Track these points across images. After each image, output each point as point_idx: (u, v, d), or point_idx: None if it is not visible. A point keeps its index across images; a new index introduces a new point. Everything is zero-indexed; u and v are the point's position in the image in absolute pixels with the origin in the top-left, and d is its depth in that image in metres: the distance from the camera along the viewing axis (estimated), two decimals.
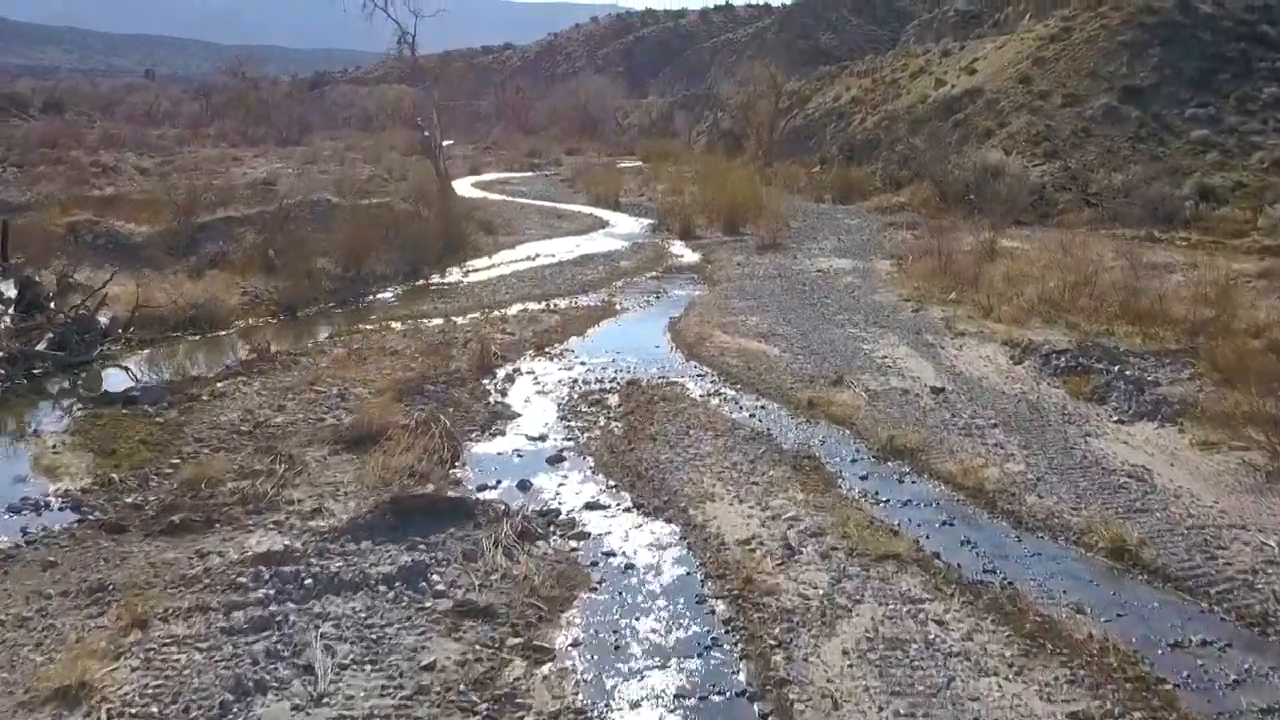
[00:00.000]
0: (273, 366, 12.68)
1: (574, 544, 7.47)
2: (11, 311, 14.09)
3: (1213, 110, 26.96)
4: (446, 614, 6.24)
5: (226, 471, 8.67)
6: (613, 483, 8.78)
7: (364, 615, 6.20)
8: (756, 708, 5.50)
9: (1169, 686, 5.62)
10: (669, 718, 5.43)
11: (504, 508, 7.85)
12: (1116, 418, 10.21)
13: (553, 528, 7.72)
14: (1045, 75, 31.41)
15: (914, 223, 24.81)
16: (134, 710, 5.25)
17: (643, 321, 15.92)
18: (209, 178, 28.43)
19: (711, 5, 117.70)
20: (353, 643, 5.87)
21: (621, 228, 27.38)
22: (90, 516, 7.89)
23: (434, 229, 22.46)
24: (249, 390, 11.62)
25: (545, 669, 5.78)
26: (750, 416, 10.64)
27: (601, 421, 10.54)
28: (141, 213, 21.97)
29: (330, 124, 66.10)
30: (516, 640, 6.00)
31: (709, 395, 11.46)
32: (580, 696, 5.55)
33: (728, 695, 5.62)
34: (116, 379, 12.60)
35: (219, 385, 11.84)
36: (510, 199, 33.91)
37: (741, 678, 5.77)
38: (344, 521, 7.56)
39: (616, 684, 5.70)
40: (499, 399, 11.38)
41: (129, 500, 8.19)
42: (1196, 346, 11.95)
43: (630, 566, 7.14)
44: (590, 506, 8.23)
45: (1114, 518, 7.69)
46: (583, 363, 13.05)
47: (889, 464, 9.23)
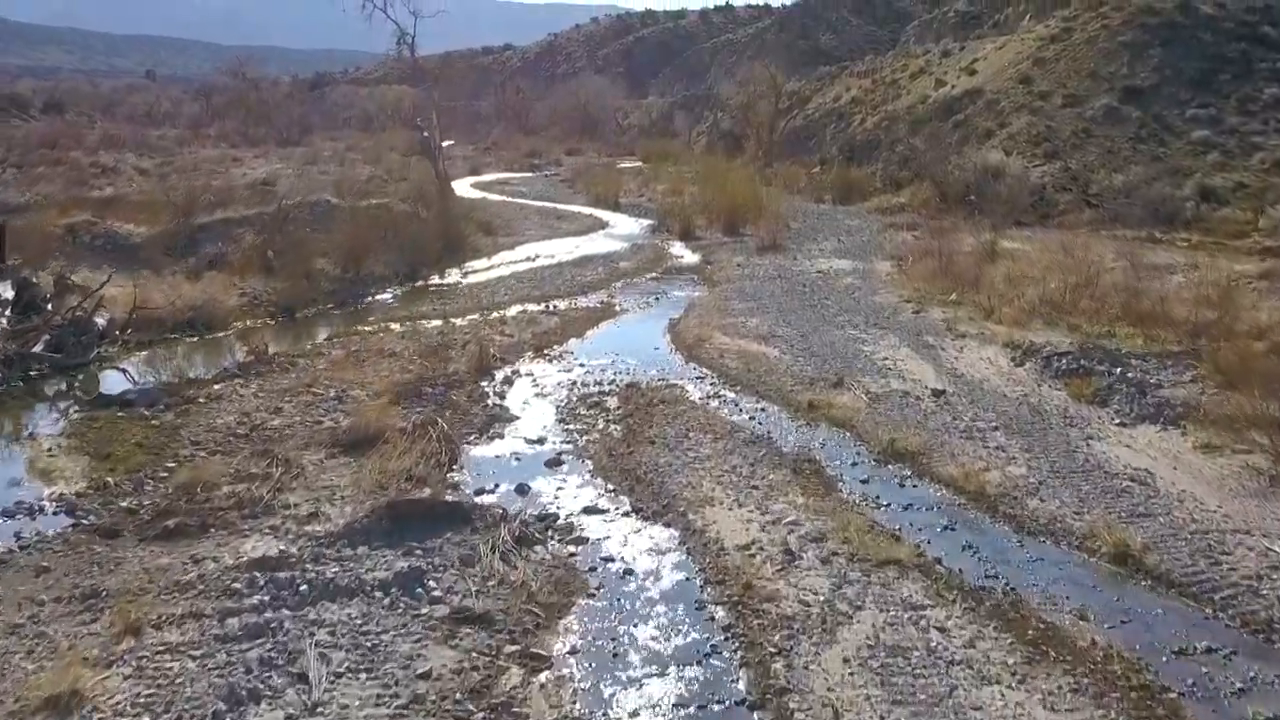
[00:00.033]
0: (270, 368, 12.64)
1: (572, 549, 7.41)
2: (8, 313, 14.04)
3: (1213, 111, 26.89)
4: (443, 621, 6.18)
5: (222, 475, 8.61)
6: (611, 486, 8.72)
7: (359, 622, 6.14)
8: (757, 717, 5.44)
9: (1173, 695, 5.57)
10: None
11: (501, 512, 7.79)
12: (1118, 421, 10.15)
13: (551, 532, 7.65)
14: (1046, 76, 31.33)
15: (914, 223, 24.74)
16: None
17: (642, 323, 15.86)
18: (208, 178, 28.41)
19: (711, 6, 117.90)
20: (348, 650, 5.81)
21: (621, 228, 27.31)
22: (84, 521, 7.85)
23: (433, 230, 22.41)
24: (246, 392, 11.57)
25: (542, 677, 5.72)
26: (750, 419, 10.57)
27: (600, 424, 10.48)
28: (140, 214, 21.91)
29: (330, 124, 65.98)
30: (513, 648, 5.94)
31: (708, 398, 11.40)
32: (578, 705, 5.49)
33: (727, 704, 5.56)
34: (113, 381, 12.55)
35: (216, 387, 11.80)
36: (510, 199, 33.85)
37: (741, 686, 5.71)
38: (340, 526, 7.50)
39: (614, 692, 5.64)
40: (497, 401, 11.31)
41: (124, 504, 8.14)
42: (1198, 348, 11.86)
43: (629, 572, 7.08)
44: (589, 511, 8.17)
45: (1117, 522, 7.63)
46: (582, 365, 12.98)
47: (890, 467, 9.17)
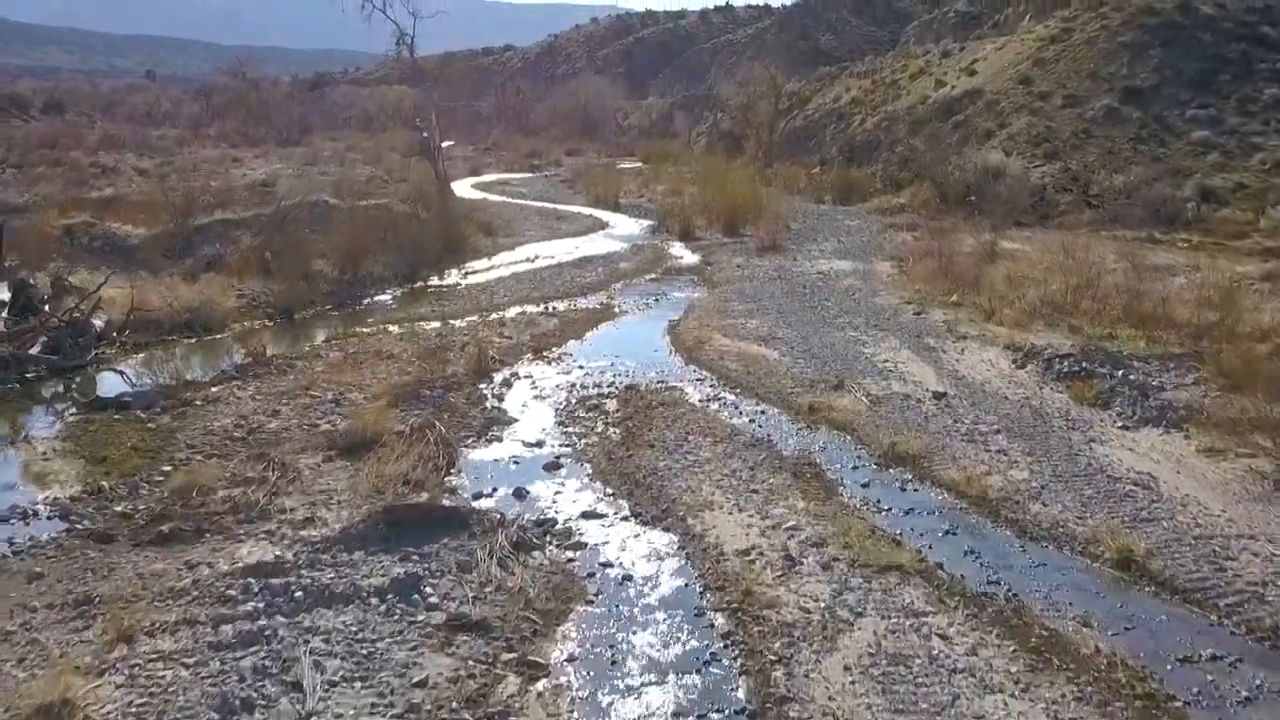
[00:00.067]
0: (268, 371, 12.57)
1: (570, 554, 7.34)
2: (5, 314, 13.97)
3: (1213, 111, 26.83)
4: (439, 628, 6.11)
5: (218, 479, 8.54)
6: (610, 490, 8.65)
7: (355, 629, 6.06)
8: None
9: (1179, 704, 5.50)
10: None
11: (499, 517, 7.71)
12: (1121, 424, 10.08)
13: (549, 537, 7.58)
14: (1046, 76, 31.27)
15: (914, 224, 24.68)
16: None
17: (642, 324, 15.79)
18: (207, 179, 28.34)
19: (711, 6, 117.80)
20: (343, 658, 5.74)
21: (621, 229, 27.25)
22: (78, 526, 7.76)
23: (432, 231, 22.35)
24: (243, 395, 11.50)
25: (539, 686, 5.65)
26: (750, 422, 10.50)
27: (599, 427, 10.41)
28: (139, 215, 21.86)
29: (331, 125, 65.98)
30: (510, 655, 5.87)
31: (708, 400, 11.33)
32: (575, 715, 5.42)
33: (727, 713, 5.49)
34: (111, 383, 12.47)
35: (213, 390, 11.73)
36: (510, 200, 33.78)
37: (741, 695, 5.63)
38: (336, 531, 7.42)
39: (612, 701, 5.57)
40: (496, 404, 11.24)
41: (118, 509, 8.07)
42: (1201, 350, 11.79)
43: (627, 578, 7.01)
44: (587, 515, 8.10)
45: (1120, 527, 7.56)
46: (581, 367, 12.91)
47: (891, 471, 9.10)
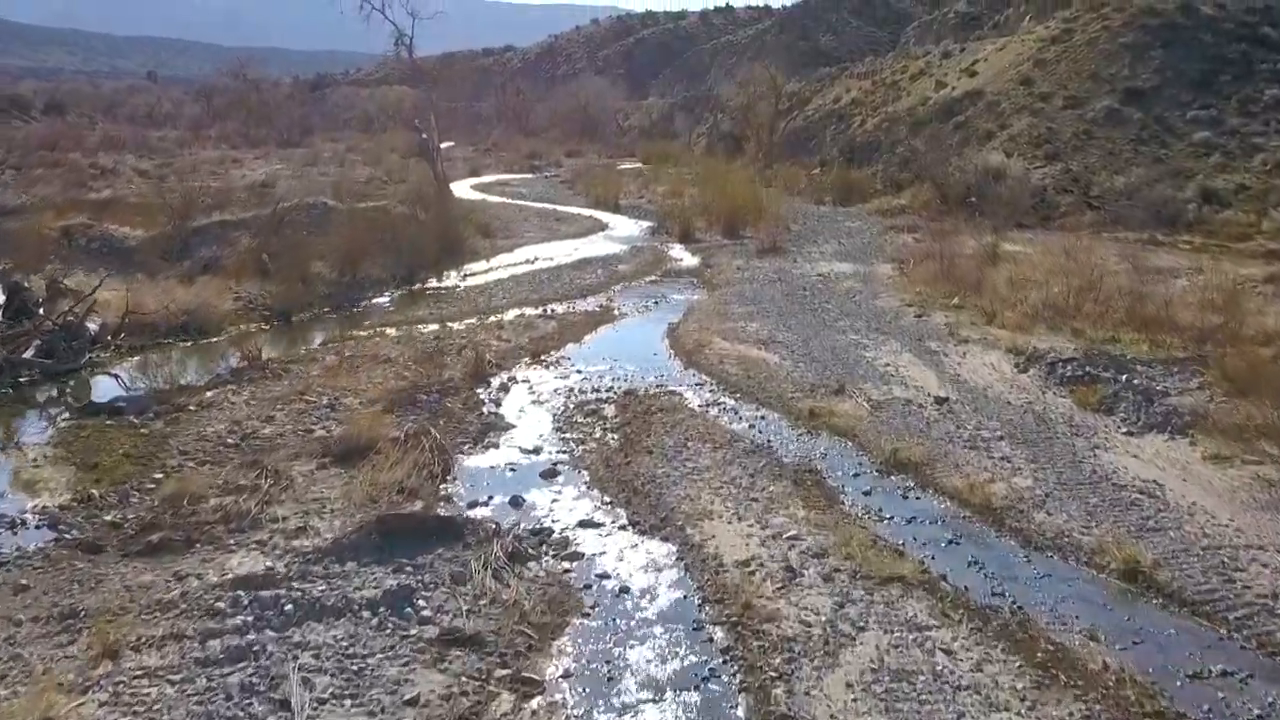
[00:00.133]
0: (263, 375, 12.45)
1: (566, 565, 7.21)
2: None
3: (1215, 112, 26.71)
4: (432, 643, 5.98)
5: (210, 487, 8.42)
6: (608, 499, 8.52)
7: (345, 644, 5.94)
8: None
9: None
10: None
11: (494, 526, 7.59)
12: (1125, 429, 9.95)
13: (545, 547, 7.45)
14: (1046, 77, 31.14)
15: (915, 225, 24.53)
16: None
17: (641, 327, 15.66)
18: (207, 180, 28.24)
19: (711, 7, 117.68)
20: (332, 675, 5.61)
21: (621, 230, 27.13)
22: (67, 536, 7.64)
23: (431, 232, 22.21)
24: (238, 400, 11.38)
25: (534, 703, 5.52)
26: (750, 428, 10.38)
27: (597, 433, 10.29)
28: (137, 216, 21.76)
29: (331, 125, 65.84)
30: (504, 671, 5.74)
31: (708, 405, 11.21)
32: None
33: None
34: (105, 387, 12.35)
35: (207, 395, 11.62)
36: (509, 201, 33.64)
37: (740, 713, 5.51)
38: (329, 541, 7.30)
39: None
40: (493, 409, 11.12)
41: (108, 518, 7.95)
42: (1205, 354, 11.68)
43: (625, 590, 6.88)
44: (584, 524, 7.97)
45: (1126, 537, 7.43)
46: (579, 371, 12.79)
47: (893, 478, 8.97)
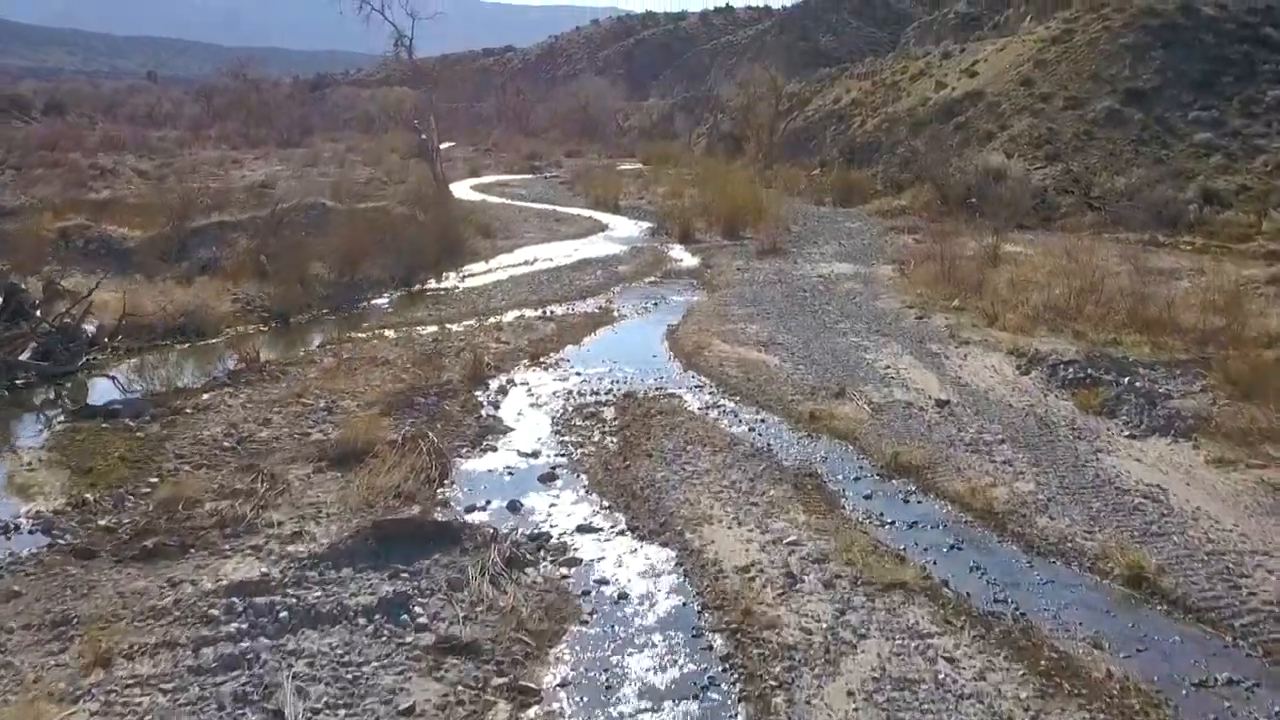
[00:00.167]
0: (260, 377, 12.38)
1: (564, 571, 7.14)
2: None
3: (1216, 113, 26.63)
4: (428, 651, 5.91)
5: (205, 491, 8.35)
6: (607, 503, 8.45)
7: (341, 652, 5.86)
8: None
9: None
10: None
11: (492, 532, 7.51)
12: (1128, 433, 9.88)
13: (543, 553, 7.38)
14: (1047, 78, 31.08)
15: (915, 226, 24.48)
16: None
17: (640, 329, 15.60)
18: (206, 181, 28.16)
19: (712, 8, 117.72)
20: (327, 684, 5.54)
21: (620, 231, 27.07)
22: (60, 541, 7.56)
23: (430, 233, 22.12)
24: (235, 403, 11.31)
25: (531, 712, 5.45)
26: (750, 431, 10.31)
27: (596, 436, 10.22)
28: (135, 217, 21.64)
29: (331, 126, 65.75)
30: (501, 680, 5.66)
31: (707, 408, 11.14)
32: None
33: None
34: (102, 390, 12.28)
35: (204, 397, 11.54)
36: (509, 202, 33.57)
37: None
38: (324, 547, 7.22)
39: None
40: (491, 412, 11.05)
41: (102, 523, 7.86)
42: (1208, 357, 11.60)
43: (623, 596, 6.81)
44: (583, 529, 7.90)
45: (1130, 542, 7.36)
46: (578, 373, 12.72)
47: (894, 482, 8.90)
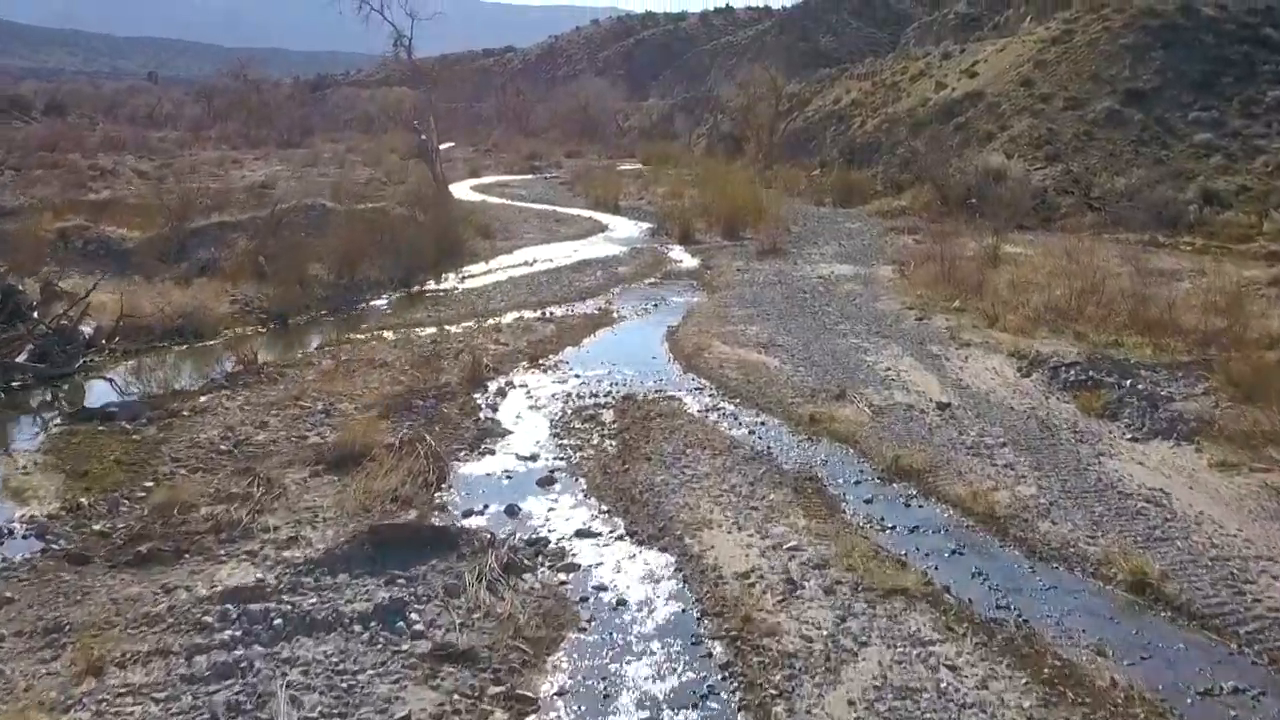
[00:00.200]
0: (258, 379, 12.31)
1: (562, 577, 7.08)
2: None
3: (1216, 113, 26.56)
4: (424, 658, 5.84)
5: (201, 495, 8.29)
6: (605, 507, 8.39)
7: (335, 660, 5.80)
8: None
9: None
10: None
11: (490, 537, 7.44)
12: (1130, 436, 9.81)
13: (541, 558, 7.32)
14: (1047, 78, 31.01)
15: (915, 227, 24.41)
16: None
17: (640, 331, 15.53)
18: (206, 181, 28.09)
19: (711, 8, 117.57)
20: (321, 692, 5.47)
21: (620, 232, 27.01)
22: (54, 546, 7.48)
23: (430, 234, 22.06)
24: (232, 405, 11.25)
25: None
26: (750, 434, 10.25)
27: (595, 439, 10.16)
28: (134, 218, 21.58)
29: (332, 126, 65.65)
30: (498, 689, 5.60)
31: (707, 411, 11.07)
32: None
33: None
34: (100, 392, 12.23)
35: (201, 399, 11.48)
36: (509, 202, 33.50)
37: None
38: (320, 552, 7.15)
39: None
40: (489, 415, 10.99)
41: (96, 528, 7.79)
42: (1209, 358, 11.54)
43: (622, 603, 6.74)
44: (581, 534, 7.84)
45: (1133, 547, 7.30)
46: (577, 375, 12.66)
47: (895, 486, 8.84)
